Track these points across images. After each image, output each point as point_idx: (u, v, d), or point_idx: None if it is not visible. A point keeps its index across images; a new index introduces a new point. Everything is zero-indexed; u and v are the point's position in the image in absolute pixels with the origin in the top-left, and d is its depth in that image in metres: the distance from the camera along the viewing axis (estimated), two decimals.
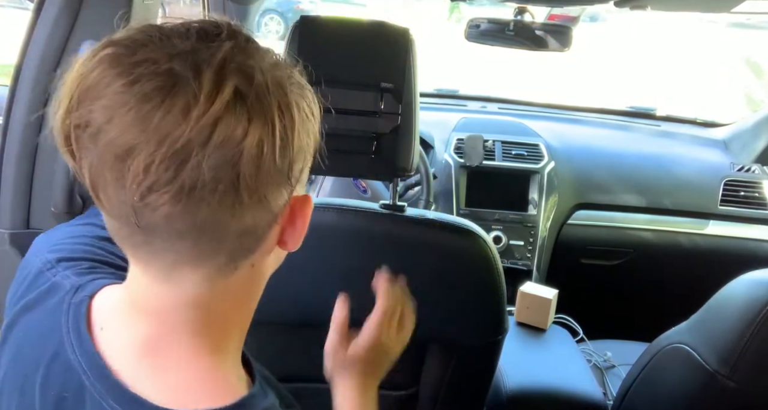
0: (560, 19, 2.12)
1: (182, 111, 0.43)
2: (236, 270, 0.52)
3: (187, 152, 0.44)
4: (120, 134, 0.44)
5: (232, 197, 0.46)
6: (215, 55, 0.46)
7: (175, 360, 0.52)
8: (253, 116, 0.45)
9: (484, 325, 1.02)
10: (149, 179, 0.44)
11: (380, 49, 0.94)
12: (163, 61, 0.45)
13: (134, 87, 0.44)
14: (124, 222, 0.48)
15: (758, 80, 5.26)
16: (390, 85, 0.91)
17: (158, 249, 0.49)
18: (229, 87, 0.45)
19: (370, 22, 0.96)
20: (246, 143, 0.45)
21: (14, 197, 1.12)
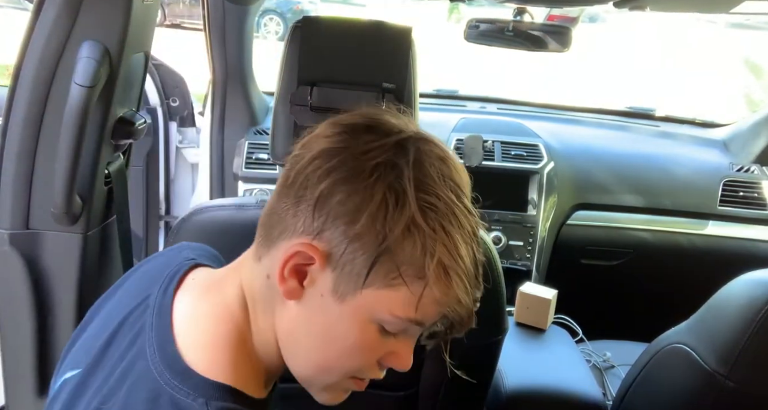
0: (559, 19, 2.12)
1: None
2: (258, 265, 0.61)
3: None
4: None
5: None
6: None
7: (215, 341, 0.60)
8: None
9: (484, 325, 1.01)
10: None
11: (381, 49, 0.94)
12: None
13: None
14: None
15: (757, 81, 5.27)
16: (391, 86, 0.91)
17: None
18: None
19: (370, 23, 0.96)
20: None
21: (14, 197, 1.12)
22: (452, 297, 0.56)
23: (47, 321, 1.16)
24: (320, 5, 9.84)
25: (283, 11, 9.47)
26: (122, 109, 1.17)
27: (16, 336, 1.16)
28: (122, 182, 1.24)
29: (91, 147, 1.11)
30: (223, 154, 2.08)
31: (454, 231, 0.55)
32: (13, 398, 1.21)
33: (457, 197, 0.57)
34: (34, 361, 1.17)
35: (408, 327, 0.58)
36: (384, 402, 1.07)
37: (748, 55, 5.50)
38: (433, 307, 0.57)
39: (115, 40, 1.07)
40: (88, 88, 1.03)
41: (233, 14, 1.92)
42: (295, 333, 0.59)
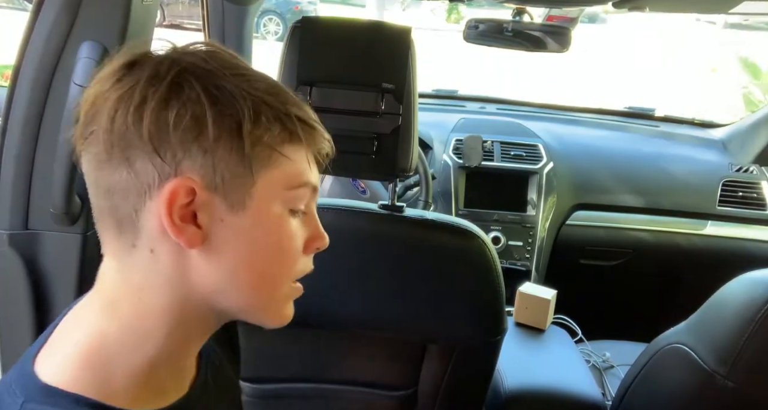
0: (559, 20, 2.12)
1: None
2: (134, 248, 0.54)
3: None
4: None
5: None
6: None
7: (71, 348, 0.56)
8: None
9: (483, 325, 1.02)
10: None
11: (381, 50, 0.94)
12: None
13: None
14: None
15: (756, 81, 5.28)
16: (391, 86, 0.91)
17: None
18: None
19: (370, 23, 0.96)
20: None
21: (13, 197, 1.12)
22: (319, 137, 0.58)
23: (47, 321, 1.16)
24: (320, 5, 9.85)
25: (283, 12, 9.48)
26: None
27: (16, 336, 1.16)
28: None
29: None
30: None
31: (279, 88, 0.56)
32: None
33: (251, 67, 0.57)
34: None
35: (309, 194, 0.59)
36: (383, 402, 1.08)
37: (746, 55, 5.50)
38: (310, 157, 0.58)
39: (115, 40, 1.07)
40: None
41: (233, 14, 1.92)
42: (218, 275, 0.54)
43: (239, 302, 0.57)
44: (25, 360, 0.56)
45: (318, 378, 1.07)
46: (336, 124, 0.93)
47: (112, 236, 0.55)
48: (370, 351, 1.06)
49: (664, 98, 5.37)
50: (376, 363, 1.07)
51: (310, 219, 0.60)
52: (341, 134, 0.93)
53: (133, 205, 0.52)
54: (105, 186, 0.52)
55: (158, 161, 0.51)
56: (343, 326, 1.02)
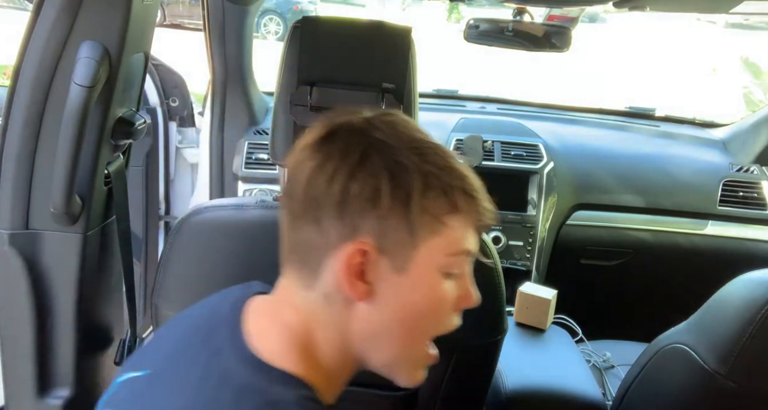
0: (559, 19, 2.12)
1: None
2: (311, 289, 0.63)
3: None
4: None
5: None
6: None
7: (292, 342, 0.63)
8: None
9: (484, 325, 1.01)
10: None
11: (381, 50, 0.94)
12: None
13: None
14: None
15: (756, 81, 5.27)
16: (391, 86, 0.91)
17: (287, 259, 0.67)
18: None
19: (370, 23, 0.96)
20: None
21: (13, 197, 1.12)
22: (480, 209, 0.65)
23: (47, 321, 1.16)
24: (320, 5, 9.85)
25: (283, 11, 9.48)
26: (122, 109, 1.17)
27: (16, 336, 1.16)
28: (122, 182, 1.24)
29: (90, 147, 1.11)
30: (222, 154, 2.08)
31: (449, 161, 0.63)
32: (13, 398, 1.21)
33: (426, 138, 0.64)
34: (34, 361, 1.17)
35: (465, 260, 0.65)
36: (384, 402, 1.07)
37: (747, 55, 5.50)
38: (472, 228, 0.64)
39: (115, 40, 1.07)
40: (87, 89, 1.03)
41: (233, 14, 1.92)
42: (376, 326, 0.62)
43: (386, 354, 0.65)
44: (243, 355, 0.61)
45: None
46: None
47: (295, 271, 0.64)
48: None
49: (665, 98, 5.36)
50: None
51: (463, 280, 0.66)
52: None
53: (316, 257, 0.61)
54: (295, 237, 0.63)
55: (341, 224, 0.59)
56: None
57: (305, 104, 0.92)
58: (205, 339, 0.64)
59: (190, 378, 0.61)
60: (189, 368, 0.62)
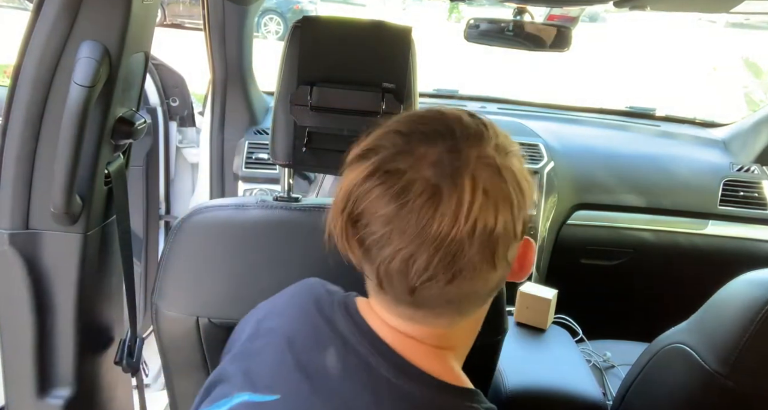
0: (560, 19, 2.12)
1: (451, 218, 0.54)
2: (476, 311, 0.66)
3: (459, 248, 0.55)
4: (405, 245, 0.56)
5: (489, 267, 0.58)
6: (466, 162, 0.56)
7: (421, 354, 0.64)
8: (498, 204, 0.57)
9: (484, 325, 1.01)
10: (429, 272, 0.56)
11: (381, 49, 0.94)
12: (423, 179, 0.55)
13: (406, 207, 0.55)
14: (399, 300, 0.61)
15: (757, 80, 5.27)
16: (391, 85, 0.91)
17: (423, 312, 0.62)
18: (479, 187, 0.56)
19: (370, 22, 0.96)
20: (498, 227, 0.56)
21: (13, 197, 1.11)
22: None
23: (47, 321, 1.16)
24: (320, 5, 9.85)
25: (283, 11, 9.48)
26: (122, 109, 1.17)
27: (16, 336, 1.16)
28: (122, 182, 1.24)
29: (90, 147, 1.11)
30: (223, 154, 2.08)
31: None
32: (13, 398, 1.21)
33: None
34: (34, 361, 1.17)
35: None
36: None
37: (747, 54, 5.50)
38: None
39: (115, 40, 1.07)
40: (87, 88, 1.03)
41: (233, 14, 1.92)
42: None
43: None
44: (404, 371, 0.63)
45: None
46: (336, 123, 0.92)
47: (462, 319, 0.65)
48: None
49: (665, 98, 5.36)
50: None
51: None
52: (342, 133, 0.93)
53: (498, 285, 0.64)
54: (486, 288, 0.62)
55: (518, 244, 0.62)
56: None
57: (305, 103, 0.92)
58: (335, 353, 0.64)
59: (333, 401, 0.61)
60: (331, 389, 0.62)
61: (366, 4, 11.86)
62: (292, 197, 0.99)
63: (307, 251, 0.97)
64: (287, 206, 0.97)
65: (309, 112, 0.92)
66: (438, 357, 0.64)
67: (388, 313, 0.64)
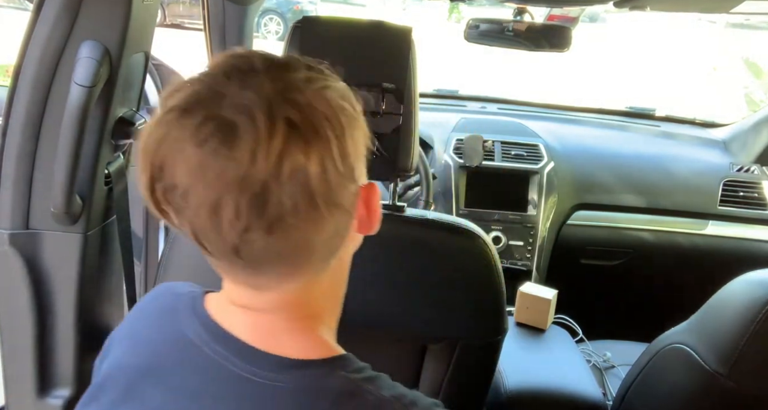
0: (560, 19, 2.12)
1: (251, 156, 0.48)
2: (328, 268, 0.60)
3: (266, 191, 0.49)
4: (205, 191, 0.49)
5: (315, 213, 0.52)
6: (260, 95, 0.50)
7: (278, 333, 0.59)
8: (309, 138, 0.50)
9: (484, 325, 1.02)
10: (242, 223, 0.50)
11: (381, 49, 0.94)
12: (218, 115, 0.49)
13: (204, 147, 0.49)
14: (226, 259, 0.55)
15: (757, 80, 5.27)
16: (391, 86, 0.91)
17: (261, 272, 0.56)
18: (281, 122, 0.49)
19: (370, 22, 0.96)
20: (312, 166, 0.50)
21: (14, 197, 1.12)
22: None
23: (47, 321, 1.16)
24: (320, 5, 9.85)
25: (283, 11, 9.48)
26: (122, 109, 1.17)
27: (16, 336, 1.16)
28: (122, 182, 1.24)
29: (91, 147, 1.12)
30: None
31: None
32: (13, 398, 1.21)
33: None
34: (34, 361, 1.17)
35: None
36: None
37: (748, 55, 5.50)
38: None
39: (115, 40, 1.07)
40: (88, 88, 1.03)
41: (233, 14, 1.92)
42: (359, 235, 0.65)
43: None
44: (267, 358, 0.58)
45: None
46: None
47: (302, 276, 0.58)
48: (370, 350, 1.06)
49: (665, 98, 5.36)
50: (376, 363, 1.07)
51: None
52: None
53: (342, 236, 0.58)
54: (319, 239, 0.55)
55: (353, 186, 0.56)
56: (343, 325, 1.02)
57: None
58: (210, 366, 0.59)
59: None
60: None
61: (366, 4, 11.86)
62: None
63: None
64: None
65: None
66: (302, 330, 0.59)
67: (235, 288, 0.59)
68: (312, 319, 0.61)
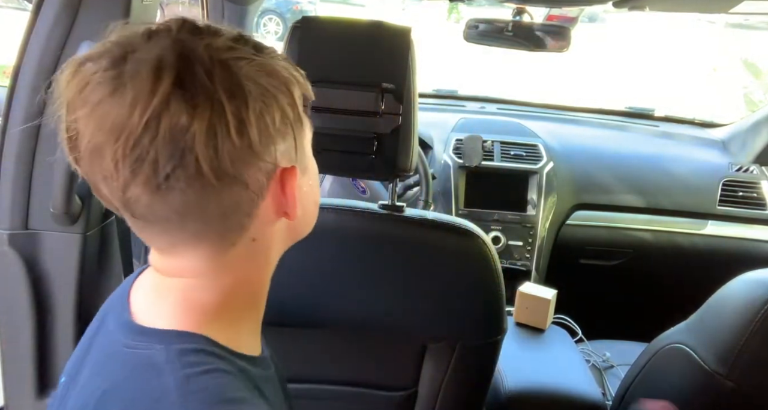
0: (559, 19, 2.12)
1: (130, 107, 0.47)
2: (234, 246, 0.56)
3: (142, 147, 0.48)
4: (91, 136, 0.49)
5: (201, 181, 0.50)
6: (158, 52, 0.49)
7: (172, 301, 0.57)
8: (197, 102, 0.48)
9: (483, 325, 1.02)
10: (121, 176, 0.49)
11: (380, 50, 0.94)
12: (117, 65, 0.49)
13: (95, 92, 0.49)
14: (127, 218, 0.55)
15: (756, 81, 5.27)
16: (391, 86, 0.91)
17: (156, 232, 0.55)
18: (168, 80, 0.48)
19: (369, 23, 0.96)
20: (195, 129, 0.48)
21: (13, 197, 1.12)
22: (306, 85, 0.61)
23: (47, 321, 1.16)
24: (319, 5, 9.84)
25: (283, 11, 9.47)
26: None
27: (16, 336, 1.16)
28: None
29: None
30: None
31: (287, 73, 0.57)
32: (13, 398, 1.21)
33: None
34: (34, 361, 1.17)
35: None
36: (383, 403, 1.08)
37: (747, 55, 5.50)
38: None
39: None
40: None
41: (233, 14, 1.92)
42: (302, 223, 0.63)
43: (304, 232, 0.65)
44: (128, 324, 0.58)
45: (318, 378, 1.07)
46: (336, 124, 0.93)
47: (199, 245, 0.56)
48: (370, 351, 1.06)
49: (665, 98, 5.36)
50: (376, 363, 1.07)
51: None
52: (341, 133, 0.93)
53: (245, 212, 0.55)
54: (211, 209, 0.53)
55: (264, 165, 0.53)
56: (343, 326, 1.02)
57: (304, 104, 0.92)
58: (99, 327, 0.62)
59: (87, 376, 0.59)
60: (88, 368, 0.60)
61: (365, 4, 11.85)
62: None
63: (306, 251, 0.97)
64: None
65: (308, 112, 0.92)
66: (186, 306, 0.57)
67: (153, 250, 0.59)
68: (212, 303, 0.57)
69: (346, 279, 0.99)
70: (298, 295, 0.98)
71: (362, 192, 1.90)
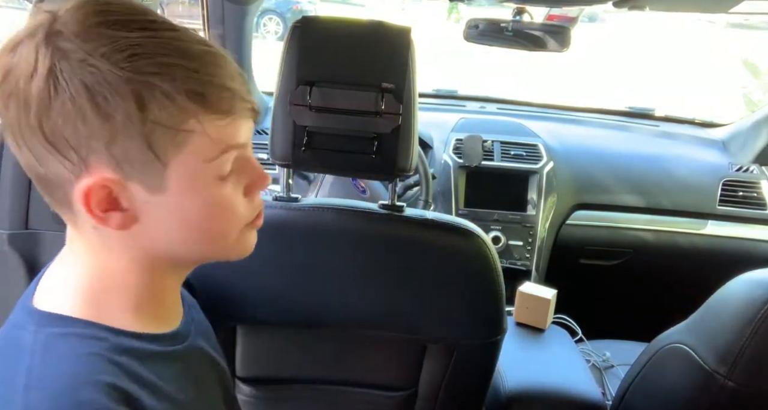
0: (559, 19, 2.12)
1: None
2: (80, 228, 0.57)
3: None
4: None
5: (25, 147, 0.53)
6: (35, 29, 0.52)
7: (57, 281, 0.61)
8: (12, 94, 0.51)
9: (483, 325, 1.02)
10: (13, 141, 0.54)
11: (380, 49, 0.94)
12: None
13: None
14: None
15: (756, 80, 5.27)
16: (391, 86, 0.91)
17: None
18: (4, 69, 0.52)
19: (369, 22, 0.96)
20: (9, 114, 0.52)
21: (13, 197, 1.12)
22: (222, 96, 0.54)
23: None
24: (319, 5, 9.85)
25: (283, 11, 9.47)
26: None
27: None
28: None
29: None
30: None
31: (159, 58, 0.51)
32: None
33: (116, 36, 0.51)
34: None
35: (232, 155, 0.57)
36: (383, 403, 1.08)
37: (747, 55, 5.50)
38: (223, 118, 0.55)
39: None
40: None
41: (233, 14, 1.92)
42: (169, 241, 0.58)
43: (197, 255, 0.62)
44: (23, 304, 0.62)
45: (318, 378, 1.07)
46: (336, 123, 0.93)
47: (57, 209, 0.58)
48: (370, 351, 1.06)
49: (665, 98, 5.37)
50: (376, 363, 1.07)
51: (244, 166, 0.59)
52: (341, 133, 0.93)
53: (63, 193, 0.54)
54: (35, 176, 0.55)
55: (67, 163, 0.52)
56: (343, 326, 1.02)
57: (305, 103, 0.92)
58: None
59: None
60: None
61: (365, 4, 11.86)
62: (292, 197, 1.00)
63: (306, 251, 0.97)
64: (286, 206, 0.97)
65: (308, 112, 0.92)
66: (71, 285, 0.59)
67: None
68: (83, 286, 0.59)
69: (345, 279, 0.99)
70: (296, 295, 0.98)
71: (362, 192, 1.90)
